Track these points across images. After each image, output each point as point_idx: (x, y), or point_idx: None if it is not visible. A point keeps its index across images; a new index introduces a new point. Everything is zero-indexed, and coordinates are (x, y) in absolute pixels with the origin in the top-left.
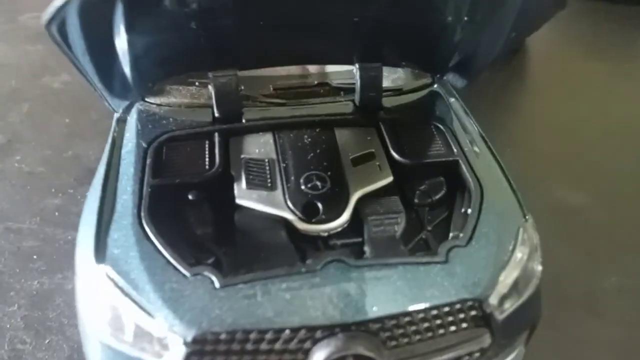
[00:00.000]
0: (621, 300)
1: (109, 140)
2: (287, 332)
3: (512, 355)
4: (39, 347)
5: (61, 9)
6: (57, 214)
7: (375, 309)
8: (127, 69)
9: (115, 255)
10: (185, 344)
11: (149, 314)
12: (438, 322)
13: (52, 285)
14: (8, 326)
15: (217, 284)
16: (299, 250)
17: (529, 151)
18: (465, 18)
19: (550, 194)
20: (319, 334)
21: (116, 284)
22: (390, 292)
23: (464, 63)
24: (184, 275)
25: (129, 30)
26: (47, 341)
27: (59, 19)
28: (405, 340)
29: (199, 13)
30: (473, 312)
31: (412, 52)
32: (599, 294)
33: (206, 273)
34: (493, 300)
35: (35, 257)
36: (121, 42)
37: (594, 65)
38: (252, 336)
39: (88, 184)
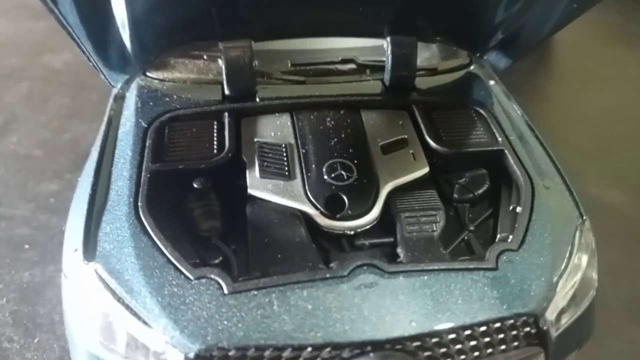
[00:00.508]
0: None
1: (105, 119)
2: (309, 350)
3: None
4: (27, 347)
5: None
6: (52, 200)
7: (413, 325)
8: (126, 38)
9: (107, 252)
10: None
11: (145, 323)
12: (486, 340)
13: (44, 277)
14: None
15: (225, 290)
16: (321, 251)
17: (562, 143)
18: None
19: (585, 189)
20: (346, 353)
21: (107, 286)
22: (430, 304)
23: (510, 39)
24: (186, 278)
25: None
26: (36, 340)
27: None
28: (452, 357)
29: None
30: (527, 329)
31: (451, 25)
32: (636, 298)
33: (213, 276)
34: (550, 315)
35: (27, 246)
36: (119, 5)
37: (624, 53)
38: (267, 354)
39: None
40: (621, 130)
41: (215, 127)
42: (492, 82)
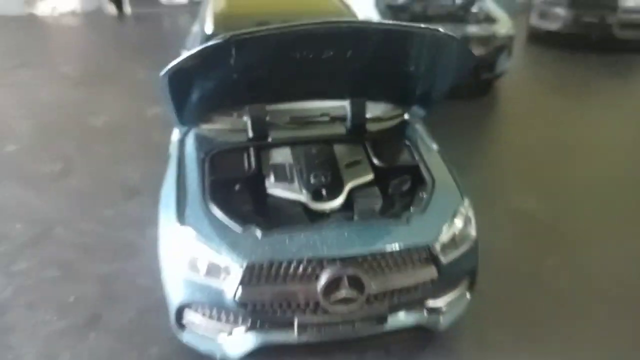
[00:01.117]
0: (555, 274)
1: (174, 154)
2: (304, 262)
3: (456, 293)
4: (112, 310)
5: (175, 68)
6: (112, 220)
7: (360, 249)
8: (190, 111)
9: (191, 221)
10: (241, 268)
11: (218, 253)
12: (401, 259)
13: (115, 270)
14: (89, 297)
15: (259, 236)
16: (310, 219)
17: (496, 168)
18: (422, 68)
19: (508, 201)
20: (324, 263)
21: (196, 238)
22: (370, 238)
23: (423, 99)
24: (237, 232)
25: (195, 86)
26: (118, 306)
27: (170, 73)
28: (380, 269)
29: (241, 72)
30: (424, 254)
31: (387, 91)
32: (542, 273)
33: (252, 229)
34: (438, 247)
35: (98, 250)
36: (190, 92)
37: (555, 101)
38: (283, 265)
39: (133, 199)
40: (545, 157)
41: (244, 156)
42: (417, 125)
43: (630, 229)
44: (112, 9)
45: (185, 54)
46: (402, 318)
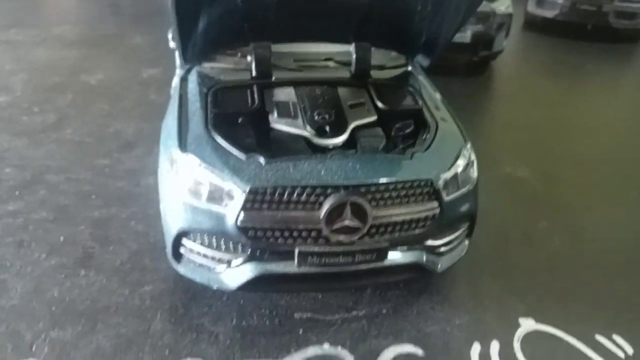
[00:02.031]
0: (547, 236)
1: (176, 91)
2: (308, 189)
3: (456, 236)
4: (104, 251)
5: None
6: (107, 170)
7: (364, 179)
8: (196, 45)
9: (193, 149)
10: (244, 193)
11: (221, 178)
12: (404, 192)
13: (109, 215)
14: (79, 238)
15: (263, 162)
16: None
17: (490, 141)
18: (428, 8)
19: (502, 169)
20: (328, 190)
21: (199, 163)
22: (373, 170)
23: (428, 46)
24: (241, 158)
25: (201, 17)
26: (111, 248)
27: None
28: (383, 200)
29: (247, 9)
30: (426, 189)
31: (392, 37)
32: (533, 234)
33: (255, 156)
34: (440, 183)
35: (93, 196)
36: (196, 23)
37: (548, 84)
38: (287, 191)
39: (130, 152)
40: (539, 133)
41: (248, 92)
42: (420, 75)
43: (618, 198)
44: None
45: None
46: (401, 255)
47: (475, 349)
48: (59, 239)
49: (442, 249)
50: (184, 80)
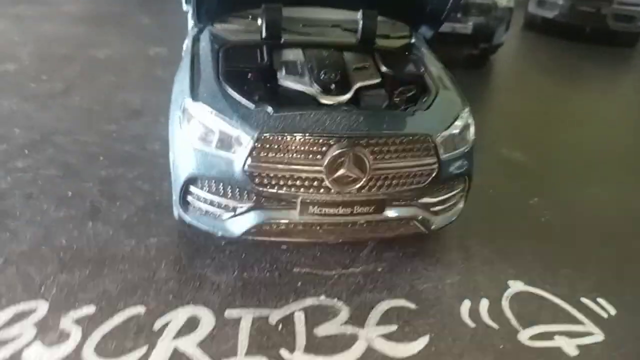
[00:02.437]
0: (538, 210)
1: (188, 49)
2: (312, 137)
3: (451, 195)
4: (111, 206)
5: None
6: (114, 134)
7: (365, 130)
8: (208, 5)
9: (205, 98)
10: (252, 139)
11: (230, 125)
12: (403, 145)
13: (116, 174)
14: (87, 194)
15: (270, 112)
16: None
17: (487, 127)
18: None
19: (497, 151)
20: (331, 140)
21: (210, 111)
22: (375, 123)
23: (431, 17)
24: (250, 107)
25: None
26: (117, 203)
27: None
28: (383, 153)
29: None
30: (425, 144)
31: (397, 6)
32: (524, 208)
33: (264, 106)
34: (439, 140)
35: (100, 157)
36: None
37: (545, 80)
38: (293, 137)
39: (137, 120)
40: (533, 123)
41: (258, 51)
42: (423, 45)
43: (606, 178)
44: None
45: None
46: (398, 210)
47: (465, 304)
48: (67, 194)
49: (437, 208)
50: (196, 39)
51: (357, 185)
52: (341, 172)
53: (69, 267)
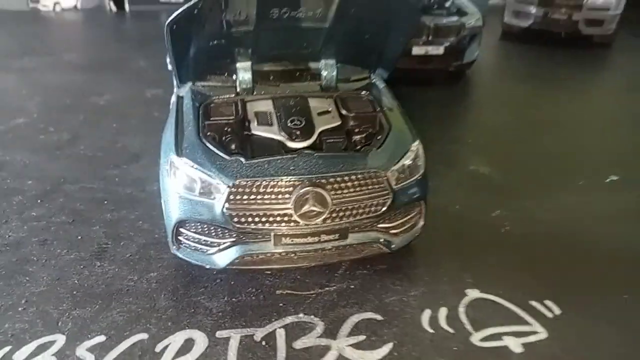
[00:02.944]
0: (499, 221)
1: (173, 107)
2: (280, 181)
3: (409, 218)
4: (116, 246)
5: (177, 18)
6: (116, 179)
7: (324, 172)
8: (189, 68)
9: (187, 153)
10: (228, 187)
11: (210, 175)
12: (358, 182)
13: (120, 216)
14: (95, 236)
15: (244, 161)
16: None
17: (458, 143)
18: (376, 31)
19: (465, 167)
20: (297, 182)
21: (192, 164)
22: (332, 165)
23: (384, 61)
24: (225, 158)
25: (192, 42)
26: (121, 243)
27: (172, 24)
28: (341, 189)
29: (230, 29)
30: (378, 179)
31: (352, 54)
32: (487, 221)
33: (238, 157)
34: (389, 173)
35: (105, 202)
36: (188, 48)
37: (521, 89)
38: (263, 183)
39: (137, 163)
40: (505, 135)
41: (233, 106)
42: (382, 85)
43: (567, 186)
44: (112, 6)
45: (184, 6)
46: (361, 236)
47: (426, 313)
48: (77, 238)
49: (396, 230)
50: (180, 97)
51: (321, 218)
52: (306, 208)
53: (81, 303)
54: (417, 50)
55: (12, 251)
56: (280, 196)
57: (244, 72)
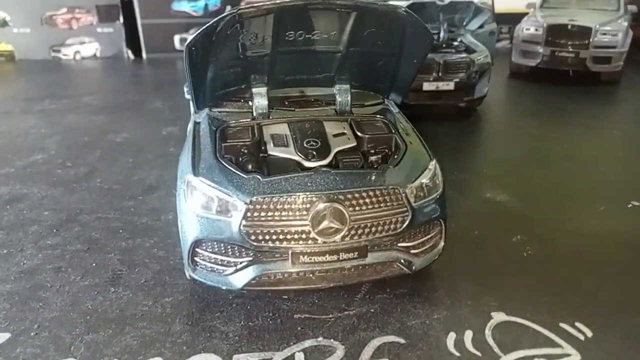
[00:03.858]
0: (520, 246)
1: (190, 132)
2: (297, 197)
3: (429, 238)
4: (131, 272)
5: (198, 37)
6: (132, 209)
7: (342, 188)
8: (206, 94)
9: (204, 173)
10: (245, 204)
11: (227, 193)
12: (376, 198)
13: (135, 245)
14: (109, 263)
15: (260, 179)
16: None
17: (474, 173)
18: (389, 58)
19: (482, 195)
20: (314, 198)
21: (207, 183)
22: (349, 181)
23: (396, 87)
24: (242, 176)
25: (209, 70)
26: (136, 270)
27: (190, 45)
28: (359, 205)
29: (247, 60)
30: (397, 195)
31: (366, 80)
32: (507, 245)
33: (255, 175)
34: (409, 191)
35: (121, 231)
36: (205, 77)
37: (531, 123)
38: (280, 199)
39: (153, 194)
40: (515, 165)
41: (249, 129)
42: (395, 110)
43: (587, 213)
44: (130, 54)
45: (203, 27)
46: (381, 254)
47: (451, 336)
48: (91, 265)
49: (417, 250)
50: (197, 123)
51: (340, 235)
52: (324, 224)
53: (95, 327)
54: (427, 86)
55: (26, 278)
56: (297, 213)
57: (260, 98)
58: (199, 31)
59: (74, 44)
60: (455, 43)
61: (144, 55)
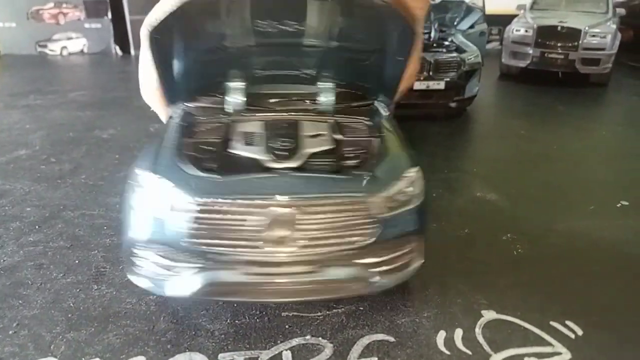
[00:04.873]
0: (509, 245)
1: (166, 123)
2: (251, 200)
3: (399, 254)
4: (115, 270)
5: (160, 23)
6: (117, 206)
7: (300, 193)
8: (178, 85)
9: (161, 170)
10: (194, 204)
11: (178, 193)
12: (336, 207)
13: (119, 241)
14: (93, 260)
15: (216, 180)
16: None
17: (464, 172)
18: (374, 56)
19: (473, 193)
20: (268, 202)
21: (163, 181)
22: (313, 186)
23: (385, 87)
24: (196, 175)
25: (180, 60)
26: (120, 267)
27: (155, 32)
28: (317, 213)
29: (223, 53)
30: (359, 205)
31: (353, 79)
32: (497, 244)
33: (212, 174)
34: (375, 199)
35: (105, 227)
36: (175, 67)
37: (519, 121)
38: (236, 201)
39: None
40: (504, 164)
41: (219, 127)
42: (383, 112)
43: (576, 212)
44: (117, 50)
45: (158, 11)
46: (340, 270)
47: (441, 335)
48: (74, 262)
49: (384, 268)
50: (170, 117)
51: (295, 245)
52: (278, 232)
53: (76, 326)
54: (418, 85)
55: (6, 275)
56: (249, 217)
57: (236, 93)
58: (158, 15)
59: (61, 40)
60: (446, 43)
61: (132, 51)
